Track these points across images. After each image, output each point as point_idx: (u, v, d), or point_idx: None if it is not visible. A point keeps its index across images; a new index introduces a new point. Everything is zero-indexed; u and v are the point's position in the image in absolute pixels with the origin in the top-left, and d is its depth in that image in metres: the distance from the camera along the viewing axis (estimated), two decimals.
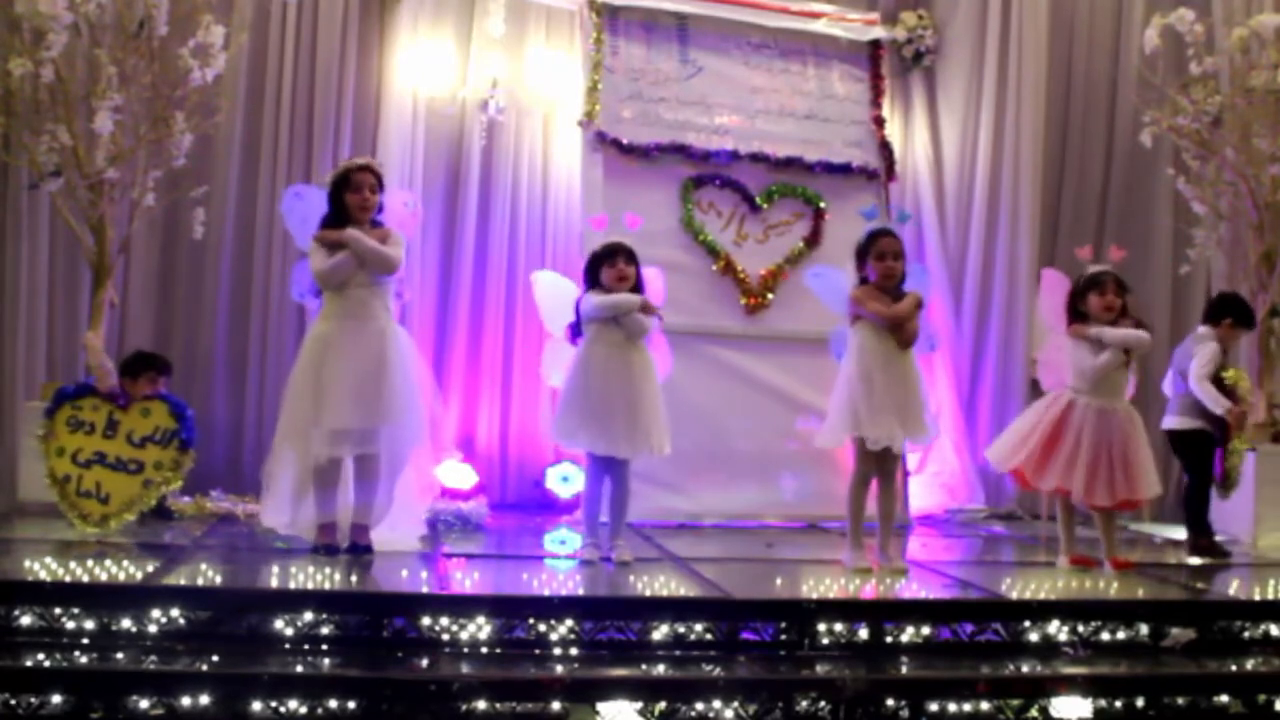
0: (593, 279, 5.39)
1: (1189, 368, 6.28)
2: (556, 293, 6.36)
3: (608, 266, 5.33)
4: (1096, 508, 5.49)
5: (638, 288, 5.39)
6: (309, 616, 4.21)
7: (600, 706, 3.90)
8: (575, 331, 5.45)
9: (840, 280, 5.61)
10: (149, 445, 5.67)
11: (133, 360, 6.04)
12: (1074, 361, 5.50)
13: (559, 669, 4.08)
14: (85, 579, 4.42)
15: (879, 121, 7.99)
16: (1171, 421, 6.43)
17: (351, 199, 5.19)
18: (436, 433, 5.47)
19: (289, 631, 4.19)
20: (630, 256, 5.37)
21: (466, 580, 4.98)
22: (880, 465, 5.31)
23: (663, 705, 3.93)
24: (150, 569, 4.64)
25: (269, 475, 5.26)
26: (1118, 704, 4.24)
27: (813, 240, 7.62)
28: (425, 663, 4.09)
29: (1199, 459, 6.38)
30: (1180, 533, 7.16)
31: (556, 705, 3.87)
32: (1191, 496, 6.39)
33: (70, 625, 4.11)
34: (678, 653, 4.32)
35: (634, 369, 5.29)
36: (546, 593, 4.63)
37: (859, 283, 5.38)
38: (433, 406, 5.45)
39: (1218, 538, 6.62)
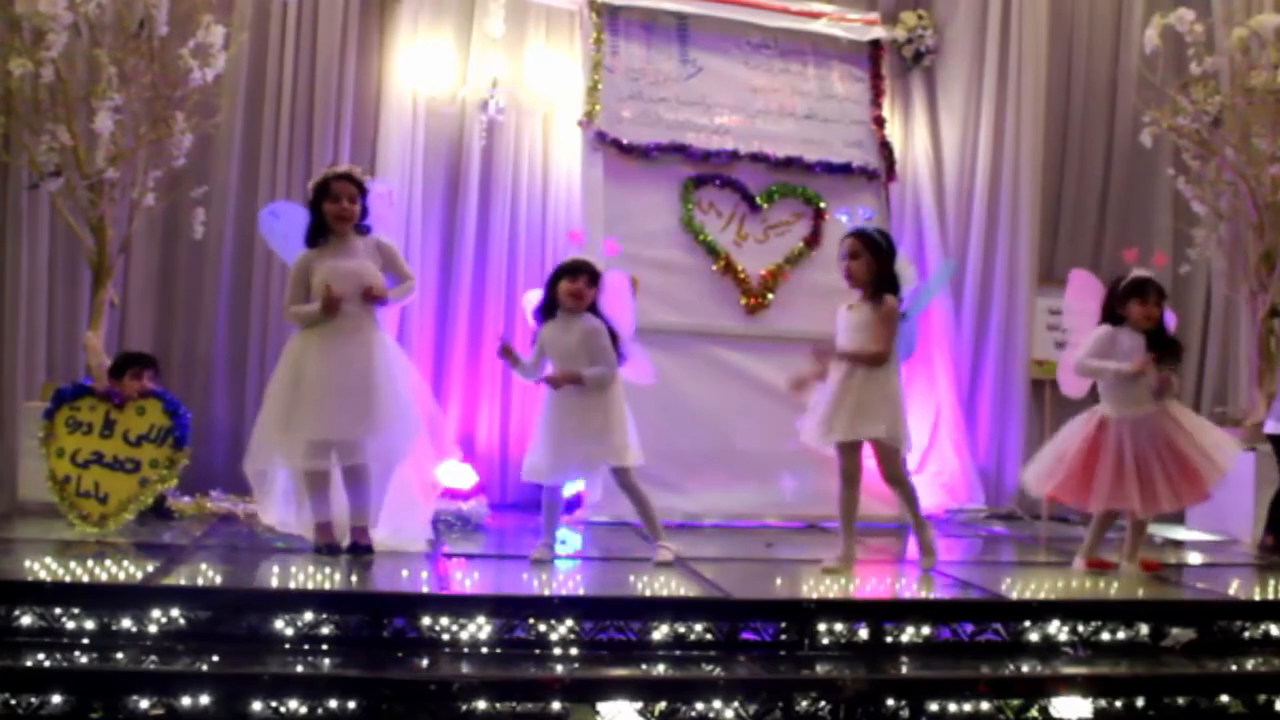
0: (551, 292, 5.29)
1: None
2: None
3: (568, 280, 5.22)
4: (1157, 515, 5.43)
5: (595, 308, 5.31)
6: (309, 616, 4.21)
7: (600, 706, 3.90)
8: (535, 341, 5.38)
9: None
10: (145, 444, 5.67)
11: (116, 361, 6.05)
12: (1086, 346, 5.41)
13: (559, 669, 4.08)
14: (85, 579, 4.41)
15: (879, 121, 7.99)
16: (1273, 426, 6.45)
17: (329, 208, 5.16)
18: (437, 434, 5.45)
19: (289, 631, 4.18)
20: (594, 279, 5.26)
21: (466, 580, 4.98)
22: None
23: (663, 705, 3.93)
24: (150, 569, 4.64)
25: (253, 475, 5.25)
26: (1118, 704, 4.23)
27: (813, 240, 7.63)
28: (425, 663, 4.08)
29: None
30: (1180, 532, 7.19)
31: (556, 705, 3.87)
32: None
33: (70, 625, 4.11)
34: (678, 653, 4.32)
35: (586, 392, 5.23)
36: (546, 593, 4.62)
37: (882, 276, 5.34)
38: (429, 409, 5.43)
39: (1218, 537, 6.64)
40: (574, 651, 4.26)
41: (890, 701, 4.07)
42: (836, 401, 5.20)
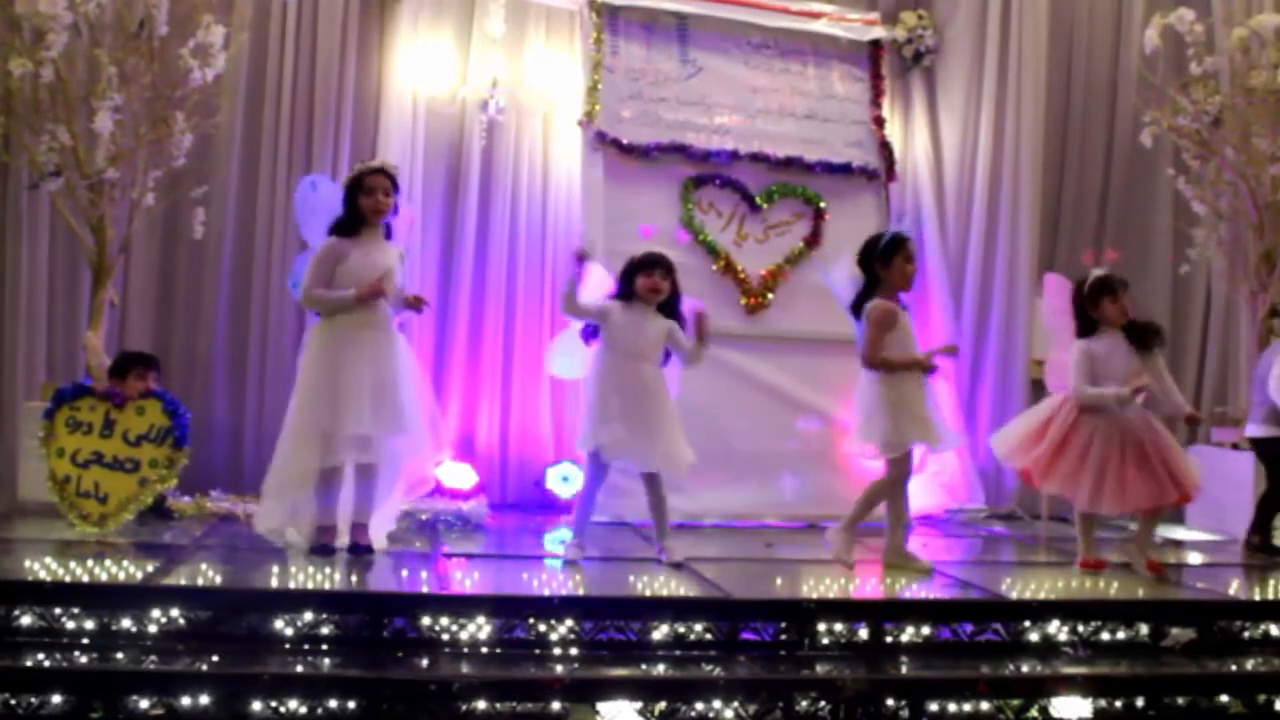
0: (627, 282, 5.38)
1: (1269, 376, 6.31)
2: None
3: (644, 275, 5.33)
4: (1142, 511, 5.42)
5: (672, 303, 5.40)
6: (309, 616, 4.21)
7: (600, 706, 3.90)
8: (591, 332, 5.46)
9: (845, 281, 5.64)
10: (144, 443, 5.67)
11: (119, 361, 6.04)
12: (1074, 372, 5.44)
13: (559, 669, 4.08)
14: (85, 579, 4.42)
15: (879, 121, 7.98)
16: (1255, 430, 6.46)
17: (365, 202, 5.18)
18: (434, 437, 5.46)
19: (289, 631, 4.19)
20: (669, 271, 5.38)
21: (466, 580, 4.98)
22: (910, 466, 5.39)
23: (663, 705, 3.93)
24: (150, 569, 4.64)
25: (296, 477, 5.14)
26: (1118, 704, 4.24)
27: (813, 240, 7.63)
28: (425, 663, 4.09)
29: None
30: (1180, 532, 7.20)
31: (556, 705, 3.87)
32: (1267, 499, 6.41)
33: (70, 625, 4.11)
34: (678, 653, 4.32)
35: (645, 383, 5.31)
36: (546, 593, 4.63)
37: (866, 283, 5.37)
38: (431, 412, 5.45)
39: (1218, 537, 6.64)
40: (574, 651, 4.26)
41: (890, 701, 4.08)
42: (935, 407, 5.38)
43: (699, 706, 3.94)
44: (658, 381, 5.35)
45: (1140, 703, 4.26)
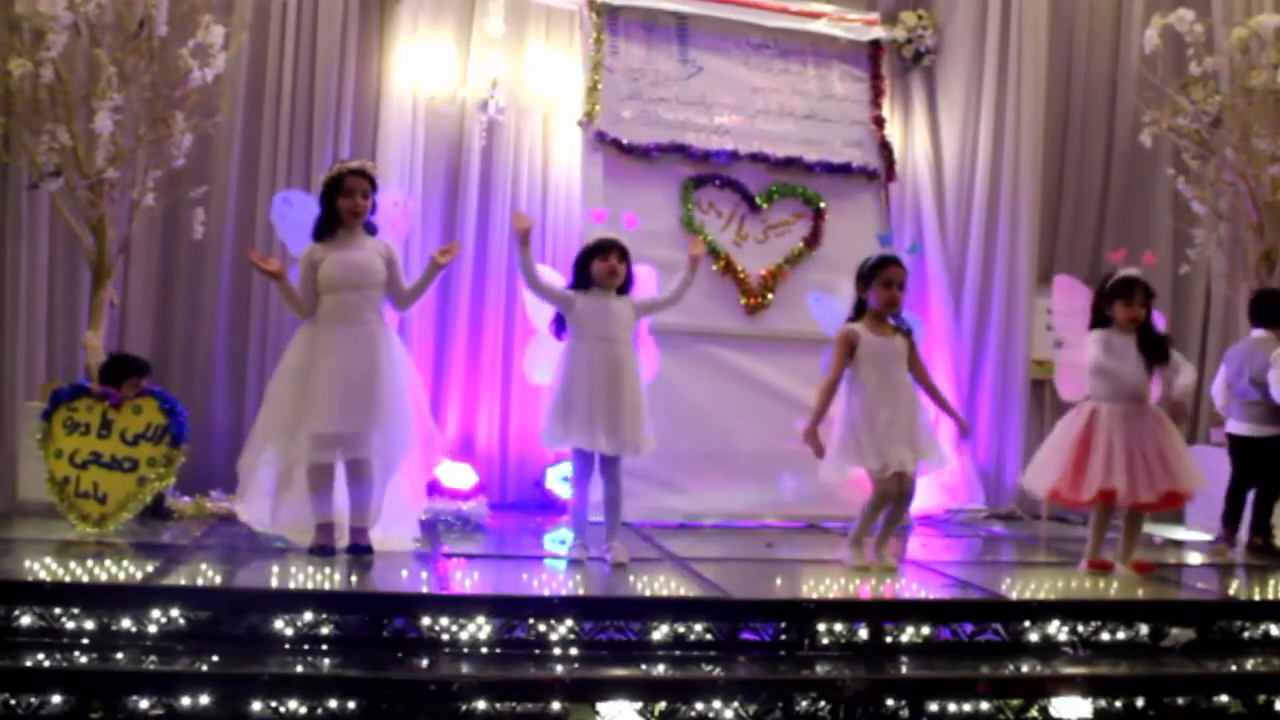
0: (582, 270, 5.37)
1: (1267, 376, 6.17)
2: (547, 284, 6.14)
3: (600, 260, 5.31)
4: (1139, 507, 5.39)
5: (627, 286, 5.39)
6: (309, 616, 4.21)
7: (600, 706, 3.90)
8: (559, 326, 5.45)
9: (835, 307, 5.61)
10: (142, 442, 5.66)
11: (112, 368, 6.01)
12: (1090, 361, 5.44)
13: (559, 669, 4.08)
14: (85, 579, 4.41)
15: (879, 121, 7.99)
16: (1246, 429, 6.34)
17: (343, 203, 5.17)
18: (428, 437, 5.44)
19: (289, 631, 4.19)
20: (624, 254, 5.35)
21: (466, 580, 4.98)
22: (899, 487, 5.26)
23: (663, 705, 3.93)
24: (150, 569, 4.64)
25: (244, 470, 5.20)
26: (1118, 704, 4.24)
27: (812, 240, 7.63)
28: (425, 663, 4.08)
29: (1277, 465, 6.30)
30: (1180, 532, 7.19)
31: (556, 705, 3.87)
32: (1263, 499, 6.34)
33: (70, 625, 4.11)
34: (678, 653, 4.32)
35: (620, 366, 5.26)
36: (546, 593, 4.63)
37: (856, 305, 5.37)
38: (424, 410, 5.43)
39: (1209, 537, 6.64)
40: (574, 651, 4.26)
41: (890, 701, 4.07)
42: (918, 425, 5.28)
43: (699, 706, 3.94)
44: (631, 363, 5.32)
45: (1140, 703, 4.25)
